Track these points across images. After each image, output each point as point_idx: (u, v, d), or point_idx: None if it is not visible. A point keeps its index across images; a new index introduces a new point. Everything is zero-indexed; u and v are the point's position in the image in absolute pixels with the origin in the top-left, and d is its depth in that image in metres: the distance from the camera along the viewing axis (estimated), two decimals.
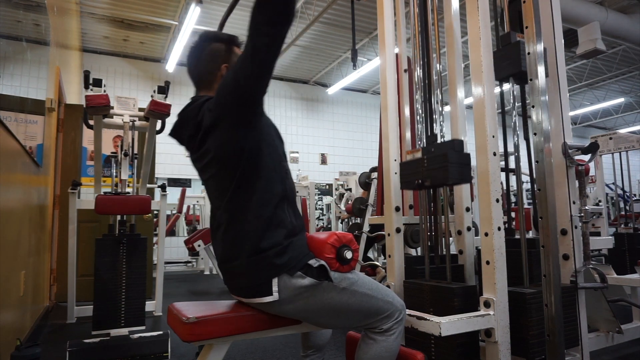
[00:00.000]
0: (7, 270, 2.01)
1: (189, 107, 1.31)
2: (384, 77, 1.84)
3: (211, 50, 1.35)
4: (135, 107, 3.10)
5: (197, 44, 1.37)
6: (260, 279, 1.18)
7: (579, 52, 6.43)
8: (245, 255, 1.19)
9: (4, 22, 2.04)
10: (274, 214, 1.21)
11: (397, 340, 1.27)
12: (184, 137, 1.32)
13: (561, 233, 1.71)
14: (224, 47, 1.36)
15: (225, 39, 1.37)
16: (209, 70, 1.34)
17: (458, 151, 1.41)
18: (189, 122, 1.28)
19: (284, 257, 1.18)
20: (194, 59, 1.37)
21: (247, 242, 1.19)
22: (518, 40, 1.66)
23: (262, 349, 2.56)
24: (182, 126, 1.31)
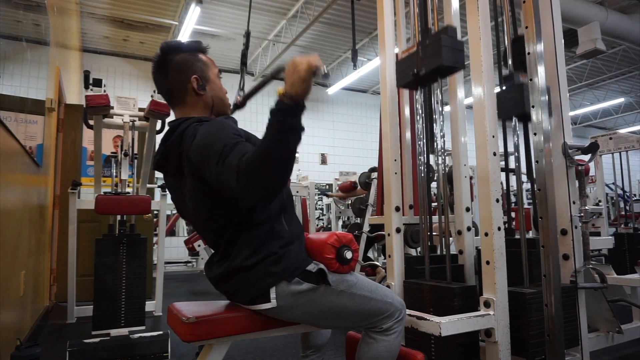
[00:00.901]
0: (7, 270, 2.00)
1: (168, 139, 1.23)
2: (384, 77, 1.84)
3: (177, 63, 1.28)
4: (135, 107, 3.10)
5: (161, 58, 1.29)
6: (258, 290, 1.17)
7: (579, 52, 6.42)
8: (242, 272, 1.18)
9: (4, 22, 2.04)
10: (270, 230, 1.20)
11: (397, 340, 1.27)
12: (170, 170, 1.26)
13: (561, 233, 1.71)
14: (190, 57, 1.30)
15: (189, 47, 1.31)
16: (178, 82, 1.27)
17: (451, 36, 1.39)
18: (172, 156, 1.22)
19: (281, 264, 1.17)
20: (161, 74, 1.30)
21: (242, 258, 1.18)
22: (522, 83, 1.67)
23: (262, 349, 2.56)
24: (166, 160, 1.25)
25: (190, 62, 1.29)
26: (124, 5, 6.63)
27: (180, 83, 1.27)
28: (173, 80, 1.28)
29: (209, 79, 1.31)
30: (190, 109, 1.29)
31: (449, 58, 1.36)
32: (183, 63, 1.28)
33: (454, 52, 1.36)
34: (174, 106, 1.32)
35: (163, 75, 1.29)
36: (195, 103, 1.30)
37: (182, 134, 1.20)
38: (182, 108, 1.30)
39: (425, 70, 1.42)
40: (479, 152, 1.51)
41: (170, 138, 1.23)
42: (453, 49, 1.37)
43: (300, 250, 1.25)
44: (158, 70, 1.30)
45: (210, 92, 1.31)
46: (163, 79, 1.30)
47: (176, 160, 1.21)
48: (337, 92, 10.03)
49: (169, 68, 1.28)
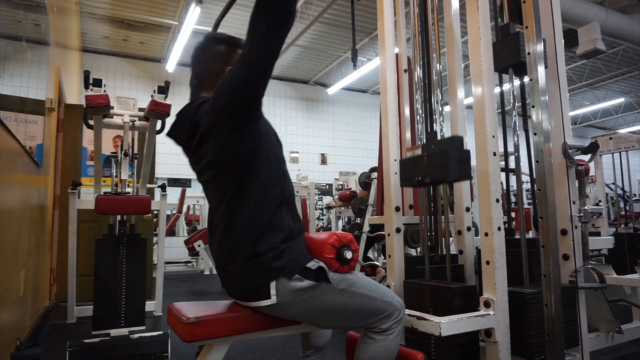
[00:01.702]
0: (7, 270, 2.01)
1: (187, 107, 1.31)
2: (384, 77, 1.85)
3: (216, 52, 1.35)
4: (135, 107, 3.10)
5: (202, 45, 1.37)
6: (257, 283, 1.18)
7: (579, 52, 6.43)
8: (243, 259, 1.18)
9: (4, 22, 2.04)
10: (271, 218, 1.21)
11: (396, 340, 1.27)
12: (181, 138, 1.31)
13: (561, 233, 1.71)
14: (228, 49, 1.36)
15: (229, 40, 1.37)
16: (214, 71, 1.34)
17: (458, 148, 1.40)
18: (185, 123, 1.28)
19: (281, 260, 1.18)
20: (202, 56, 1.37)
21: (244, 245, 1.19)
22: (517, 32, 1.65)
23: (262, 349, 2.56)
24: (180, 127, 1.31)
25: (231, 55, 1.35)
26: (124, 5, 6.64)
27: (216, 71, 1.34)
28: (210, 67, 1.35)
29: None
30: None
31: (455, 173, 1.38)
32: (222, 53, 1.35)
33: (461, 164, 1.38)
34: (202, 90, 1.37)
35: (203, 59, 1.36)
36: None
37: (199, 106, 1.27)
38: (208, 93, 1.34)
39: (430, 180, 1.45)
40: (479, 152, 1.51)
41: (188, 107, 1.30)
42: (459, 161, 1.38)
43: (301, 246, 1.25)
44: (198, 54, 1.37)
45: None
46: (200, 64, 1.37)
47: (188, 129, 1.26)
48: (337, 92, 10.03)
49: (209, 55, 1.35)
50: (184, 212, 7.84)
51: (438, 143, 1.44)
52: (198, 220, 8.07)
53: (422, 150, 1.48)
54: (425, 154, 1.46)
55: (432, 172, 1.43)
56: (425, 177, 1.45)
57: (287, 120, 9.73)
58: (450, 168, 1.36)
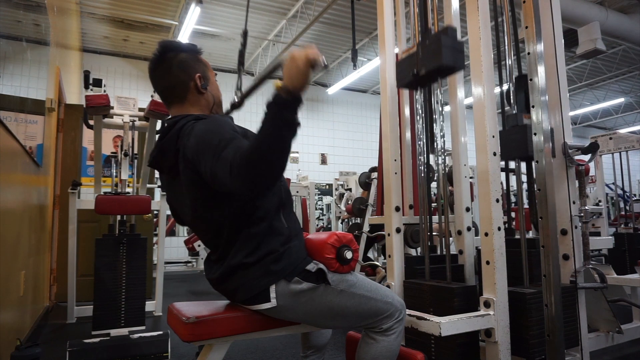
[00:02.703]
0: (7, 270, 2.00)
1: (164, 136, 1.23)
2: (384, 77, 1.84)
3: (180, 61, 1.28)
4: (135, 107, 3.10)
5: (162, 55, 1.28)
6: (258, 289, 1.17)
7: (579, 52, 6.42)
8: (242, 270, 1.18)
9: (4, 22, 2.04)
10: (270, 225, 1.20)
11: (397, 340, 1.27)
12: (165, 166, 1.26)
13: (561, 233, 1.71)
14: (192, 56, 1.30)
15: (190, 48, 1.32)
16: (182, 80, 1.27)
17: (451, 36, 1.38)
18: (168, 154, 1.22)
19: (281, 263, 1.17)
20: (162, 71, 1.28)
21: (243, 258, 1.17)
22: (525, 124, 1.68)
23: (262, 349, 2.56)
24: (162, 157, 1.25)
25: (193, 61, 1.30)
26: (124, 5, 6.64)
27: (183, 81, 1.27)
28: (176, 77, 1.27)
29: (210, 79, 1.33)
30: (190, 107, 1.29)
31: (449, 58, 1.35)
32: (186, 61, 1.28)
33: (454, 52, 1.36)
34: (172, 104, 1.31)
35: (164, 72, 1.28)
36: (196, 101, 1.30)
37: (179, 131, 1.19)
38: (181, 106, 1.29)
39: (425, 71, 1.41)
40: (479, 152, 1.51)
41: (168, 135, 1.22)
42: (453, 49, 1.36)
43: (300, 248, 1.25)
44: (158, 67, 1.29)
45: (210, 91, 1.33)
46: (164, 76, 1.29)
47: (172, 157, 1.21)
48: (337, 92, 10.03)
49: (172, 65, 1.27)
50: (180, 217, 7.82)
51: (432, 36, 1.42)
52: None
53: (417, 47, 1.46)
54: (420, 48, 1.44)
55: (426, 62, 1.38)
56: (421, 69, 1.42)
57: None
58: (444, 53, 1.33)
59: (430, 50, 1.38)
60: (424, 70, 1.40)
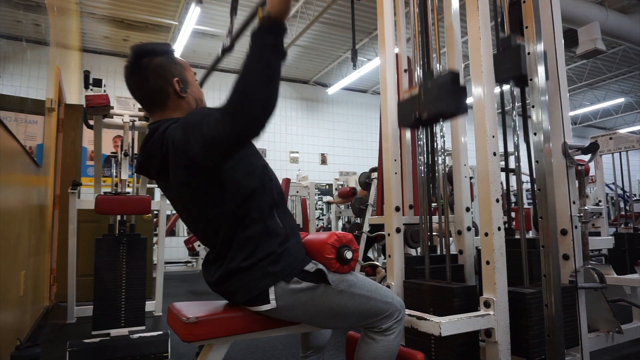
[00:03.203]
0: (7, 270, 2.01)
1: (149, 140, 1.22)
2: (384, 77, 1.84)
3: (156, 66, 1.23)
4: (135, 107, 3.10)
5: (136, 62, 1.24)
6: (257, 290, 1.17)
7: (579, 52, 6.42)
8: (240, 273, 1.17)
9: (4, 22, 2.04)
10: (265, 227, 1.19)
11: (396, 340, 1.27)
12: (153, 172, 1.25)
13: (561, 233, 1.71)
14: (167, 60, 1.26)
15: (164, 50, 1.27)
16: (160, 87, 1.24)
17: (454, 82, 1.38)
18: (154, 158, 1.20)
19: (279, 264, 1.17)
20: (139, 78, 1.24)
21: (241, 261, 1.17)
22: (518, 44, 1.65)
23: (262, 349, 2.56)
24: (149, 162, 1.23)
25: (169, 65, 1.26)
26: (124, 5, 6.64)
27: (162, 87, 1.24)
28: (154, 85, 1.24)
29: (188, 81, 1.29)
30: (171, 112, 1.27)
31: (452, 105, 1.35)
32: (162, 66, 1.24)
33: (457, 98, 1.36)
34: (153, 111, 1.28)
35: (141, 79, 1.25)
36: (177, 106, 1.27)
37: (162, 134, 1.18)
38: (162, 112, 1.27)
39: (427, 115, 1.42)
40: (479, 152, 1.51)
41: (151, 139, 1.21)
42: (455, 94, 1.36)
43: (298, 248, 1.24)
44: (135, 75, 1.25)
45: (191, 93, 1.30)
46: (141, 85, 1.25)
47: (158, 162, 1.19)
48: (337, 92, 10.03)
49: (148, 72, 1.23)
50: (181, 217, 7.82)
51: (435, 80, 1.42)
52: None
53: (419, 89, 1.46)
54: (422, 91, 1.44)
55: (429, 107, 1.39)
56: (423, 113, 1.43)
57: (287, 120, 9.73)
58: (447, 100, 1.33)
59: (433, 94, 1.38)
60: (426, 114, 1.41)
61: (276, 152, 9.37)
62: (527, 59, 1.63)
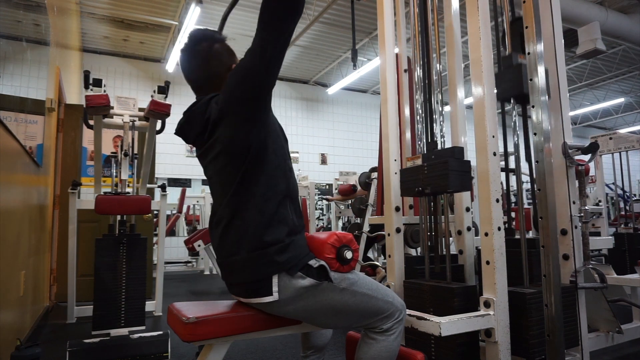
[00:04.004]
0: (7, 270, 2.01)
1: (195, 104, 1.28)
2: (384, 77, 1.84)
3: (217, 51, 1.31)
4: (135, 107, 3.10)
5: (196, 45, 1.30)
6: (259, 275, 1.17)
7: (579, 52, 6.42)
8: (246, 250, 1.18)
9: (4, 22, 2.04)
10: (276, 211, 1.20)
11: (397, 340, 1.27)
12: (191, 135, 1.29)
13: (561, 233, 1.71)
14: (227, 47, 1.34)
15: (221, 38, 1.35)
16: (219, 72, 1.30)
17: (458, 158, 1.41)
18: (196, 120, 1.26)
19: (285, 254, 1.17)
20: (200, 60, 1.30)
21: (248, 237, 1.18)
22: (520, 63, 1.67)
23: (262, 349, 2.56)
24: (189, 124, 1.29)
25: (228, 52, 1.33)
26: (124, 5, 6.64)
27: (220, 72, 1.30)
28: (213, 69, 1.30)
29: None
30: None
31: (456, 184, 1.38)
32: (221, 53, 1.31)
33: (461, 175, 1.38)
34: (204, 91, 1.32)
35: (201, 63, 1.30)
36: None
37: (208, 101, 1.25)
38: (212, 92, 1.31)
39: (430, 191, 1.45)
40: (479, 152, 1.51)
41: (196, 106, 1.27)
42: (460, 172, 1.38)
43: (304, 243, 1.25)
44: (194, 58, 1.31)
45: None
46: (201, 67, 1.31)
47: (199, 126, 1.25)
48: (337, 92, 10.03)
49: (208, 57, 1.30)
50: (184, 212, 7.84)
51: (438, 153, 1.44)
52: (198, 220, 8.06)
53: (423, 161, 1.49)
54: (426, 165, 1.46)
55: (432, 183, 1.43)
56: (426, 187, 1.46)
57: (287, 120, 9.73)
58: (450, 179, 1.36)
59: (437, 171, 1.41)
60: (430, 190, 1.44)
61: None
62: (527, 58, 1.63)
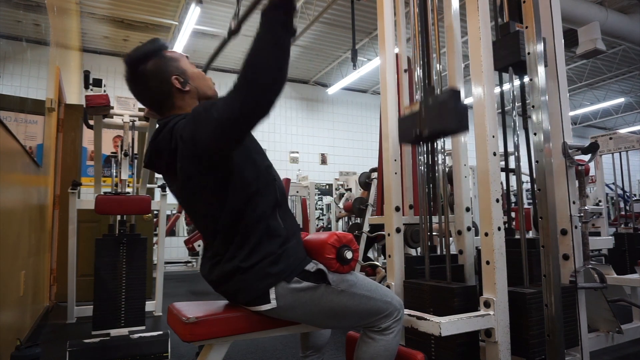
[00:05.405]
0: (7, 270, 2.01)
1: (158, 135, 1.22)
2: (384, 77, 1.84)
3: (152, 71, 1.23)
4: (135, 107, 3.10)
5: (132, 73, 1.24)
6: (257, 292, 1.17)
7: (579, 52, 6.42)
8: (239, 274, 1.17)
9: (4, 22, 2.04)
10: (267, 227, 1.19)
11: (395, 339, 1.27)
12: (162, 166, 1.25)
13: (561, 233, 1.71)
14: (159, 60, 1.25)
15: (153, 50, 1.25)
16: (162, 90, 1.24)
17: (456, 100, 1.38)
18: (163, 152, 1.20)
19: (279, 265, 1.17)
20: (139, 88, 1.26)
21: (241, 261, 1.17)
22: (517, 30, 1.64)
23: (262, 349, 2.56)
24: (157, 157, 1.23)
25: (163, 65, 1.25)
26: (124, 5, 6.63)
27: (164, 90, 1.24)
28: (156, 90, 1.24)
29: (186, 71, 1.28)
30: (179, 109, 1.27)
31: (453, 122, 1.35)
32: (157, 69, 1.24)
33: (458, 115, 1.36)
34: (163, 112, 1.28)
35: (142, 88, 1.26)
36: (183, 101, 1.27)
37: (171, 129, 1.18)
38: (171, 110, 1.27)
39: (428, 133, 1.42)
40: (479, 152, 1.51)
41: (160, 134, 1.21)
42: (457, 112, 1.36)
43: (298, 249, 1.24)
44: (136, 86, 1.26)
45: (192, 83, 1.29)
46: (143, 92, 1.27)
47: (167, 157, 1.19)
48: (337, 92, 10.03)
49: (146, 80, 1.24)
50: (184, 212, 7.84)
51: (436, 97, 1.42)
52: None
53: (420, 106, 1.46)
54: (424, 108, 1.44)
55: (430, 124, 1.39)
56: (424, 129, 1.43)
57: (287, 120, 9.73)
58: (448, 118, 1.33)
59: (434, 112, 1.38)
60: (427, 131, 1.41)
61: (276, 152, 9.36)
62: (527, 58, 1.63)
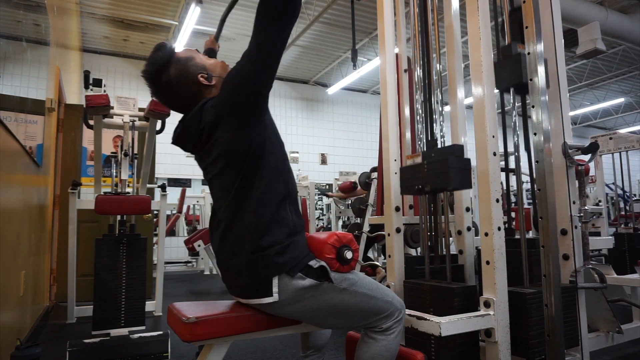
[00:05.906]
0: (7, 270, 2.01)
1: (188, 114, 1.27)
2: (384, 77, 1.84)
3: (176, 77, 1.26)
4: (135, 107, 3.10)
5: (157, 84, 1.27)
6: (259, 278, 1.17)
7: (579, 52, 6.43)
8: (246, 253, 1.18)
9: (4, 22, 2.04)
10: (276, 213, 1.21)
11: (396, 340, 1.27)
12: (189, 144, 1.28)
13: (561, 233, 1.71)
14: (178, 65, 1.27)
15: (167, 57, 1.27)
16: (191, 92, 1.28)
17: (458, 156, 1.41)
18: (192, 129, 1.25)
19: (285, 256, 1.18)
20: (170, 96, 1.30)
21: (248, 240, 1.19)
22: (519, 52, 1.66)
23: (262, 349, 2.56)
24: (186, 134, 1.27)
25: (184, 68, 1.27)
26: (124, 5, 6.64)
27: (194, 91, 1.28)
28: (185, 94, 1.28)
29: (206, 66, 1.31)
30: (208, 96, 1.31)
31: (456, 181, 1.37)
32: (181, 74, 1.27)
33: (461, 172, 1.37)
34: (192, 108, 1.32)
35: (173, 97, 1.30)
36: (211, 92, 1.30)
37: (200, 109, 1.24)
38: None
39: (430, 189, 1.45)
40: (479, 152, 1.51)
41: (191, 115, 1.26)
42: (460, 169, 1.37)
43: (304, 244, 1.25)
44: (165, 97, 1.31)
45: (215, 74, 1.32)
46: (176, 100, 1.31)
47: (195, 134, 1.24)
48: (337, 92, 10.03)
49: (174, 88, 1.27)
50: (184, 212, 7.84)
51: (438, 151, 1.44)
52: (198, 220, 8.07)
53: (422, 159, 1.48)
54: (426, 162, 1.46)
55: (432, 181, 1.43)
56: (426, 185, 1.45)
57: (287, 120, 9.73)
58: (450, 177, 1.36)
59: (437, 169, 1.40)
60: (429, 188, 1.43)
61: None
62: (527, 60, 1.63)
